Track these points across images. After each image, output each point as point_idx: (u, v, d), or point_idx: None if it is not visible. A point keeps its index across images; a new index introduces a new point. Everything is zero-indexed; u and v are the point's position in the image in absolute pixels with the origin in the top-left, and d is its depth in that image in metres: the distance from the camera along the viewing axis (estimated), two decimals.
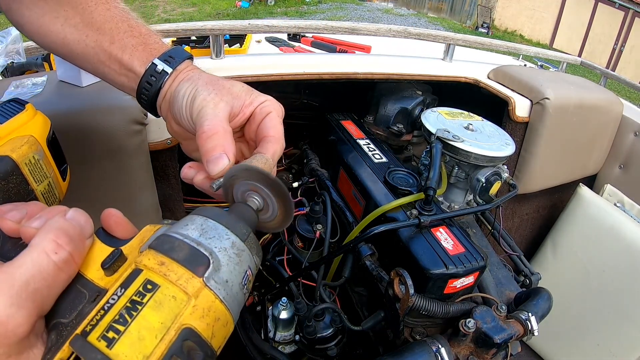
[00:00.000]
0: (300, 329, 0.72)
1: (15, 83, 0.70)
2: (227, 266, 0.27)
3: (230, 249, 0.28)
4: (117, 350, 0.22)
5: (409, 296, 0.60)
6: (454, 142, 0.78)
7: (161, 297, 0.24)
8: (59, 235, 0.25)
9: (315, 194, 0.85)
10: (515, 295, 0.77)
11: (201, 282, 0.25)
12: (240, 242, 0.29)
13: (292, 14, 10.45)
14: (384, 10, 12.13)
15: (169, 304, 0.24)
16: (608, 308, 1.16)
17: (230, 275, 0.27)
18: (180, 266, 0.25)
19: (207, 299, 0.25)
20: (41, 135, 0.38)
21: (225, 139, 0.35)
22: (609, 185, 1.25)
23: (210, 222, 0.29)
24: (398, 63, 1.03)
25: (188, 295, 0.24)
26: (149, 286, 0.24)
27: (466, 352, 0.65)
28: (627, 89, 2.04)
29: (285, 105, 0.41)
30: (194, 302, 0.24)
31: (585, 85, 1.21)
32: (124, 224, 0.31)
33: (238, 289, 0.27)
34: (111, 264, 0.26)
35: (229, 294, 0.26)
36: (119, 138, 0.66)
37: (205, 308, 0.25)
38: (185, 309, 0.24)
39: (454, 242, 0.67)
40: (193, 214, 0.30)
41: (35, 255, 0.24)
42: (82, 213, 0.28)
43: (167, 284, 0.24)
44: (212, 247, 0.27)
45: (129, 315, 0.23)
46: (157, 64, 0.40)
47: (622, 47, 9.71)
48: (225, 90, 0.38)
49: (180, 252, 0.26)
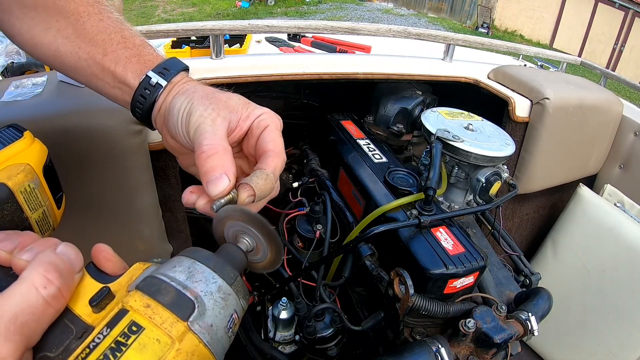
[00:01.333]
0: (300, 329, 0.72)
1: (15, 83, 0.71)
2: (213, 310, 0.27)
3: (217, 293, 0.28)
4: None
5: (409, 296, 0.60)
6: (454, 142, 0.78)
7: (145, 340, 0.24)
8: (49, 270, 0.25)
9: (315, 194, 0.85)
10: (515, 295, 0.77)
11: (185, 327, 0.26)
12: (227, 286, 0.29)
13: (292, 14, 10.45)
14: (384, 10, 12.13)
15: (152, 347, 0.24)
16: (608, 308, 1.16)
17: (215, 320, 0.27)
18: (166, 310, 0.26)
19: (191, 343, 0.25)
20: (38, 163, 0.38)
21: (226, 158, 0.34)
22: (609, 185, 1.25)
23: (198, 266, 0.29)
24: (398, 63, 1.03)
25: (172, 339, 0.25)
26: (134, 328, 0.25)
27: (466, 352, 0.65)
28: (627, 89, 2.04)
29: (285, 105, 0.41)
30: (177, 346, 0.25)
31: (585, 85, 1.21)
32: (113, 260, 0.30)
33: (223, 332, 0.28)
34: (99, 302, 0.26)
35: (213, 338, 0.27)
36: (119, 138, 0.66)
37: (189, 352, 0.25)
38: (169, 353, 0.24)
39: (454, 242, 0.67)
40: (181, 255, 0.30)
41: (25, 289, 0.24)
42: (72, 248, 0.28)
43: (152, 326, 0.25)
44: (197, 291, 0.27)
45: (113, 356, 0.23)
46: (151, 77, 0.39)
47: (622, 47, 9.71)
48: (221, 104, 0.37)
49: (166, 296, 0.26)
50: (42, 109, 0.65)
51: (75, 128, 0.64)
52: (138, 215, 0.74)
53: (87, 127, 0.65)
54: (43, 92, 0.69)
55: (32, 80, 0.72)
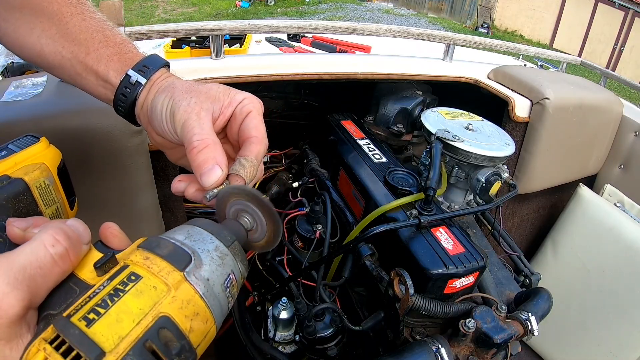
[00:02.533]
0: (300, 329, 0.72)
1: (15, 83, 0.71)
2: (209, 266, 0.28)
3: (214, 252, 0.29)
4: (95, 329, 0.23)
5: (408, 296, 0.60)
6: (454, 142, 0.78)
7: (142, 287, 0.26)
8: (58, 232, 0.26)
9: (315, 194, 0.85)
10: (515, 295, 0.77)
11: (182, 276, 0.27)
12: (224, 247, 0.30)
13: (292, 14, 10.45)
14: (384, 10, 12.13)
15: (149, 293, 0.25)
16: (608, 308, 1.16)
17: (211, 275, 0.28)
18: (163, 260, 0.27)
19: (186, 292, 0.27)
20: (52, 164, 0.40)
21: (216, 150, 0.36)
22: (609, 185, 1.25)
23: (197, 229, 0.30)
24: (398, 63, 1.03)
25: (168, 286, 0.26)
26: (132, 277, 0.26)
27: (466, 352, 0.65)
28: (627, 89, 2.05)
29: (285, 105, 0.41)
30: (173, 293, 0.26)
31: (585, 85, 1.21)
32: (119, 236, 0.32)
33: (220, 289, 0.29)
34: (103, 264, 0.27)
35: (210, 291, 0.28)
36: (118, 138, 0.66)
37: (184, 300, 0.26)
38: (165, 299, 0.25)
39: (454, 242, 0.67)
40: (186, 222, 0.31)
41: (35, 245, 0.25)
42: (81, 222, 0.29)
43: (150, 275, 0.26)
44: (195, 247, 0.29)
45: (111, 301, 0.25)
46: (131, 75, 0.39)
47: (622, 47, 9.70)
48: (203, 96, 0.37)
49: (165, 249, 0.28)
50: (42, 109, 0.65)
51: (75, 128, 0.64)
52: (138, 215, 0.74)
53: (87, 127, 0.65)
54: (43, 92, 0.69)
55: (32, 80, 0.72)
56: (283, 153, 1.05)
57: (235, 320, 0.81)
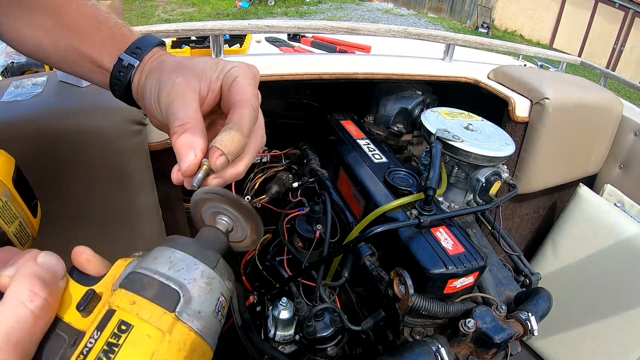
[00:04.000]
0: (300, 329, 0.72)
1: (15, 83, 0.71)
2: (199, 297, 0.27)
3: (200, 279, 0.28)
4: None
5: (408, 296, 0.60)
6: (454, 142, 0.78)
7: (136, 338, 0.24)
8: (33, 283, 0.25)
9: (315, 194, 0.85)
10: (515, 295, 0.77)
11: (174, 317, 0.26)
12: (210, 270, 0.29)
13: (292, 14, 10.45)
14: (384, 10, 12.13)
15: (144, 343, 0.24)
16: (608, 308, 1.16)
17: (202, 306, 0.27)
18: (152, 304, 0.26)
19: (181, 332, 0.26)
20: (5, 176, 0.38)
21: (195, 133, 0.34)
22: (609, 185, 1.25)
23: (178, 254, 0.29)
24: (398, 63, 1.03)
25: (162, 331, 0.25)
26: (123, 327, 0.25)
27: (466, 352, 0.65)
28: (627, 89, 2.05)
29: (285, 105, 0.41)
30: (169, 338, 0.25)
31: (585, 85, 1.21)
32: (93, 261, 0.30)
33: (212, 317, 0.28)
34: (85, 306, 0.26)
35: (203, 324, 0.27)
36: (118, 138, 0.66)
37: (181, 342, 0.25)
38: (161, 346, 0.25)
39: (454, 242, 0.67)
40: (162, 245, 0.30)
41: (11, 306, 0.24)
42: (52, 255, 0.28)
43: (141, 323, 0.25)
44: (181, 280, 0.27)
45: (107, 358, 0.23)
46: (123, 59, 0.39)
47: (622, 47, 9.70)
48: (190, 73, 0.36)
49: (150, 290, 0.26)
50: (42, 109, 0.65)
51: (75, 128, 0.64)
52: (138, 215, 0.74)
53: (87, 127, 0.65)
54: (43, 92, 0.69)
55: (32, 80, 0.72)
56: (283, 153, 1.05)
57: (235, 320, 0.81)
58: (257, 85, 0.38)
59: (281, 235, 0.84)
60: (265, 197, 0.95)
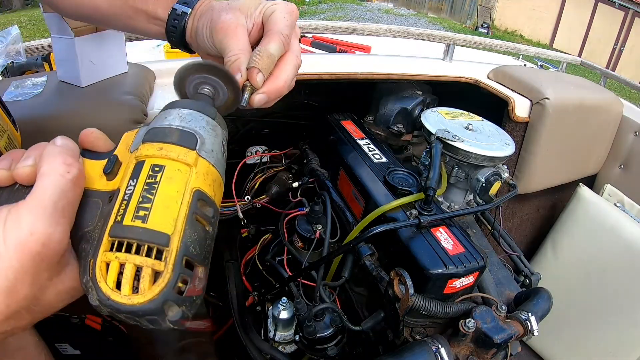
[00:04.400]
0: (300, 329, 0.72)
1: (15, 83, 0.70)
2: (209, 139, 0.32)
3: (207, 126, 0.33)
4: (152, 222, 0.26)
5: (408, 296, 0.60)
6: (454, 142, 0.78)
7: (170, 173, 0.29)
8: (66, 157, 0.28)
9: (315, 194, 0.85)
10: (515, 295, 0.77)
11: (196, 154, 0.30)
12: (212, 120, 0.34)
13: None
14: (384, 10, 12.13)
15: (177, 176, 0.29)
16: (608, 308, 1.16)
17: (213, 146, 0.32)
18: (177, 146, 0.30)
19: (203, 165, 0.31)
20: None
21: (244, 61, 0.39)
22: (609, 185, 1.26)
23: (185, 111, 0.33)
24: (398, 63, 1.03)
25: (189, 165, 0.30)
26: (156, 169, 0.29)
27: (466, 352, 0.65)
28: (627, 89, 2.05)
29: (285, 105, 0.42)
30: (195, 170, 0.30)
31: (585, 85, 1.21)
32: (102, 138, 0.34)
33: (220, 155, 0.33)
34: (111, 169, 0.31)
35: (216, 159, 0.32)
36: (119, 138, 0.66)
37: (204, 172, 0.30)
38: (191, 176, 0.29)
39: (454, 242, 0.67)
40: (164, 108, 0.34)
41: (53, 178, 0.27)
42: (68, 138, 0.31)
43: (171, 162, 0.29)
44: (194, 127, 0.32)
45: (150, 194, 0.27)
46: (176, 8, 0.45)
47: (622, 47, 9.71)
48: (237, 12, 0.41)
49: (173, 136, 0.30)
50: (42, 109, 0.65)
51: (75, 128, 0.64)
52: None
53: (87, 127, 0.64)
54: (43, 92, 0.68)
55: (32, 80, 0.72)
56: (283, 153, 1.05)
57: (235, 320, 0.81)
58: (293, 18, 0.43)
59: (281, 235, 0.84)
60: (265, 197, 0.95)
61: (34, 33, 6.52)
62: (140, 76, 0.78)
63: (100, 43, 0.71)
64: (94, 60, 0.71)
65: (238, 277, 0.89)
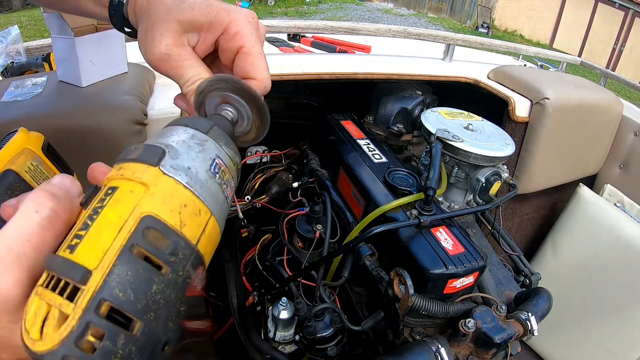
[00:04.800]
0: (300, 329, 0.72)
1: (15, 83, 0.71)
2: (188, 154, 0.26)
3: (190, 140, 0.27)
4: (78, 253, 0.21)
5: (408, 296, 0.60)
6: (454, 142, 0.78)
7: (119, 195, 0.23)
8: (40, 195, 0.24)
9: (315, 194, 0.85)
10: (515, 295, 0.77)
11: (157, 170, 0.24)
12: (201, 134, 0.27)
13: (292, 14, 10.45)
14: (384, 10, 12.14)
15: (126, 199, 0.23)
16: (608, 308, 1.16)
17: (192, 163, 0.25)
18: (135, 163, 0.24)
19: (166, 185, 0.24)
20: (36, 146, 0.40)
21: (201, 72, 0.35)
22: (609, 185, 1.26)
23: (169, 127, 0.28)
24: (398, 63, 1.03)
25: (145, 185, 0.24)
26: (109, 191, 0.24)
27: (466, 352, 0.65)
28: (627, 89, 2.05)
29: (285, 105, 0.41)
30: (152, 190, 0.23)
31: (585, 85, 1.21)
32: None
33: (206, 175, 0.26)
34: (87, 199, 0.26)
35: (194, 179, 0.25)
36: (119, 138, 0.66)
37: (166, 194, 0.24)
38: (144, 199, 0.23)
39: (454, 242, 0.67)
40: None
41: (17, 217, 0.23)
42: (67, 176, 0.27)
43: (124, 182, 0.24)
44: (168, 141, 0.26)
45: (90, 221, 0.23)
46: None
47: (622, 47, 9.71)
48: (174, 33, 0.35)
49: (135, 152, 0.25)
50: (42, 109, 0.65)
51: (75, 128, 0.64)
52: None
53: (87, 127, 0.65)
54: (43, 92, 0.68)
55: (32, 80, 0.72)
56: (283, 153, 1.05)
57: (235, 320, 0.81)
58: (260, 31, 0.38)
59: (281, 235, 0.84)
60: (265, 197, 0.95)
61: (34, 33, 6.52)
62: (140, 76, 0.78)
63: (100, 43, 0.71)
64: (94, 60, 0.71)
65: (238, 277, 0.89)
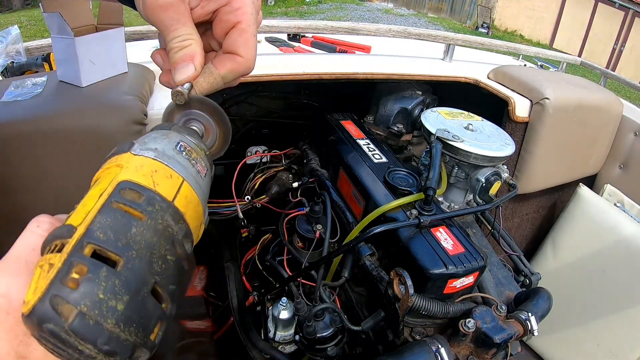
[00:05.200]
0: (300, 329, 0.72)
1: (15, 83, 0.70)
2: (154, 141, 0.30)
3: (154, 133, 0.31)
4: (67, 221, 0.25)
5: (408, 296, 0.60)
6: (454, 142, 0.78)
7: (100, 180, 0.28)
8: (40, 216, 0.29)
9: (315, 194, 0.85)
10: (515, 295, 0.77)
11: (129, 154, 0.28)
12: (164, 130, 0.32)
13: (292, 14, 10.45)
14: (384, 10, 12.13)
15: (105, 178, 0.27)
16: (608, 308, 1.16)
17: (158, 145, 0.29)
18: (111, 157, 0.29)
19: (137, 160, 0.28)
20: None
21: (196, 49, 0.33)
22: (609, 185, 1.26)
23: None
24: (398, 63, 1.03)
25: (120, 166, 0.28)
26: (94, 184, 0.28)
27: (466, 352, 0.65)
28: (627, 89, 2.05)
29: (285, 105, 0.41)
30: (125, 166, 0.27)
31: (585, 85, 1.21)
32: None
33: (173, 152, 0.30)
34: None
35: (161, 154, 0.29)
36: (119, 138, 0.66)
37: (138, 165, 0.27)
38: (119, 173, 0.27)
39: (454, 242, 0.67)
40: None
41: (22, 235, 0.28)
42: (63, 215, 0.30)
43: (104, 172, 0.29)
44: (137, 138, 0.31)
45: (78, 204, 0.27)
46: None
47: (622, 47, 9.70)
48: None
49: (110, 151, 0.30)
50: (42, 109, 0.65)
51: (75, 128, 0.64)
52: None
53: (87, 127, 0.65)
54: (43, 92, 0.68)
55: (32, 80, 0.72)
56: (283, 153, 1.05)
57: (235, 320, 0.81)
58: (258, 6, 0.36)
59: (281, 235, 0.84)
60: (265, 197, 0.95)
61: (34, 33, 6.52)
62: (140, 76, 0.78)
63: (100, 43, 0.71)
64: (94, 60, 0.71)
65: (238, 277, 0.89)
